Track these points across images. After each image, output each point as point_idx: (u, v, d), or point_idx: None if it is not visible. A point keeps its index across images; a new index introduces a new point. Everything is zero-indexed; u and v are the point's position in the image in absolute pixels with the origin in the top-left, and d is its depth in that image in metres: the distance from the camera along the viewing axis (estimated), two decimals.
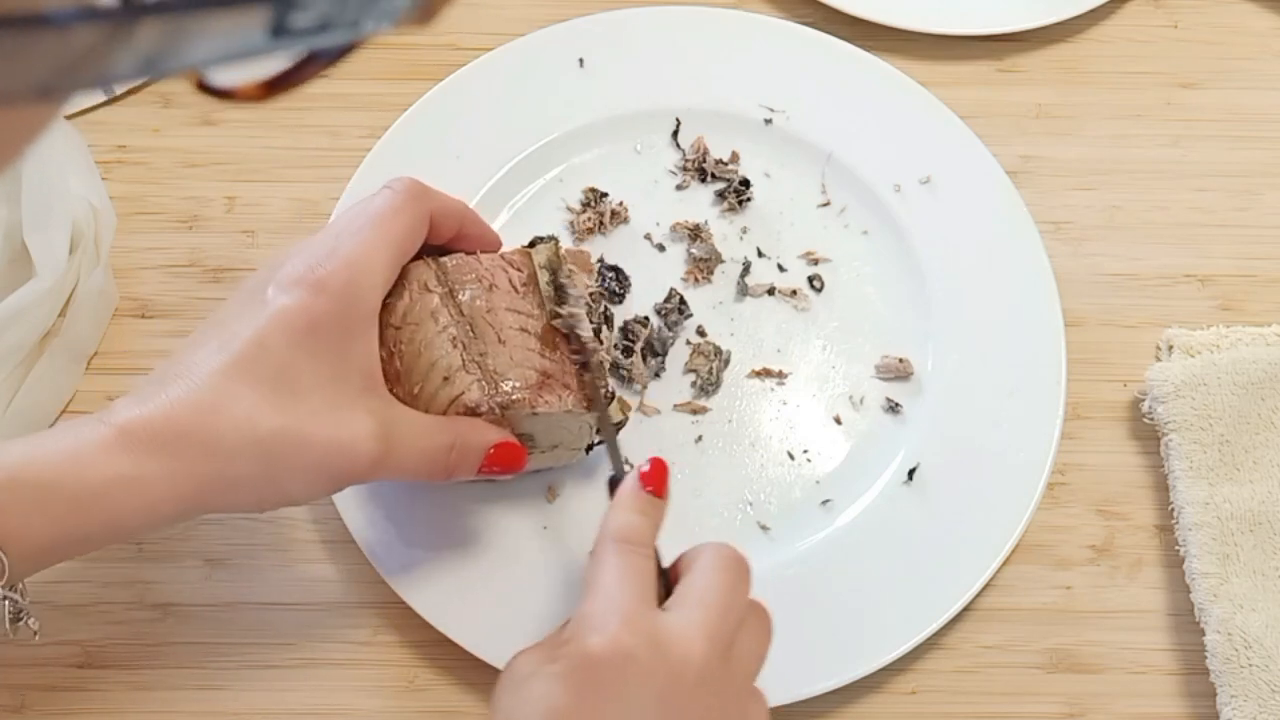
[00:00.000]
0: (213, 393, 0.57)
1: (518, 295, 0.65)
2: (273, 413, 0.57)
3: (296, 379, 0.58)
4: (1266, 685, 0.66)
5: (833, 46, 0.81)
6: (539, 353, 0.64)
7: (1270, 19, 0.85)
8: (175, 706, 0.68)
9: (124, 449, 0.57)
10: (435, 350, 0.63)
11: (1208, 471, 0.70)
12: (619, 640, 0.53)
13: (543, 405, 0.63)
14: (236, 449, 0.57)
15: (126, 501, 0.57)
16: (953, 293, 0.75)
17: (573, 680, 0.53)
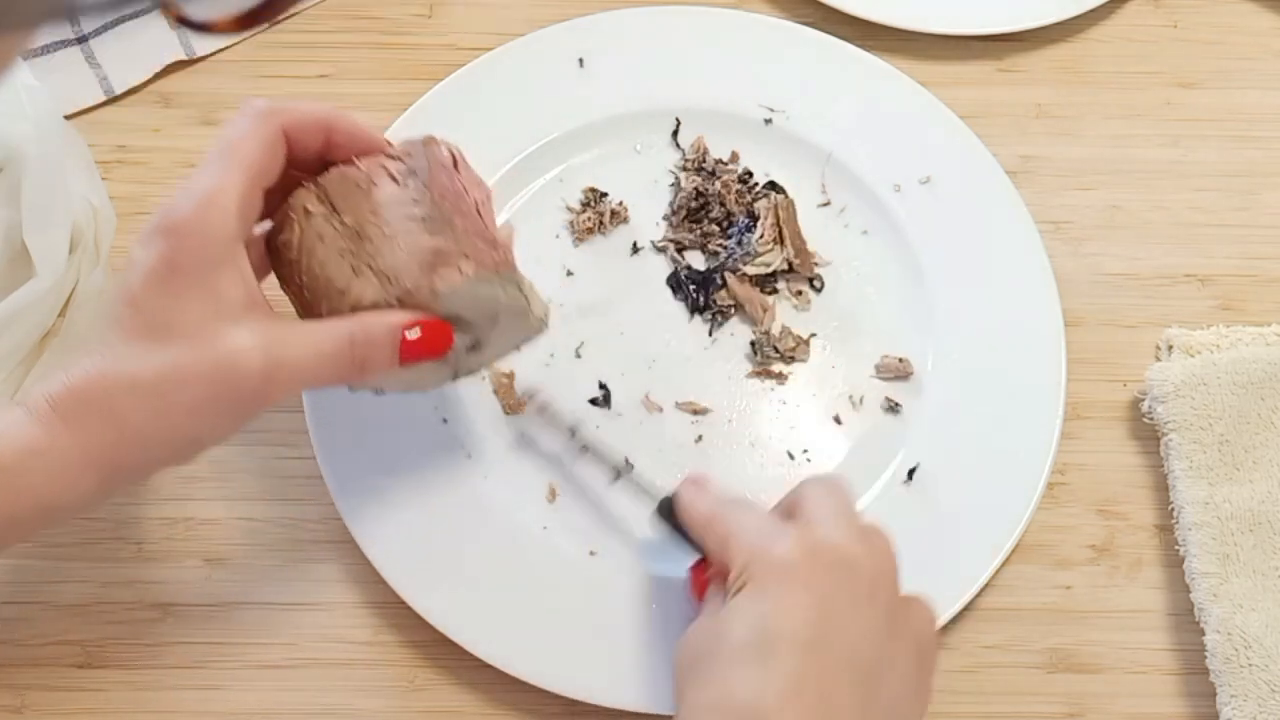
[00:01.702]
0: (102, 358, 0.58)
1: (399, 187, 0.62)
2: (152, 360, 0.58)
3: (170, 323, 0.58)
4: (1266, 685, 0.66)
5: (833, 46, 0.81)
6: (429, 233, 0.61)
7: (1270, 19, 0.85)
8: (175, 706, 0.68)
9: (32, 422, 0.57)
10: (329, 268, 0.61)
11: (1208, 471, 0.70)
12: (797, 548, 0.57)
13: (442, 282, 0.61)
14: (130, 405, 0.58)
15: (44, 475, 0.58)
16: (953, 293, 0.75)
17: (768, 591, 0.57)
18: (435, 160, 0.63)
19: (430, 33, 0.84)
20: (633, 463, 0.60)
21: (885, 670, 0.57)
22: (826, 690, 0.55)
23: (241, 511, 0.72)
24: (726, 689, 0.55)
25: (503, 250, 0.63)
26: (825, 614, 0.56)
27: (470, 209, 0.63)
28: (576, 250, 0.77)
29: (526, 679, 0.66)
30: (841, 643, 0.56)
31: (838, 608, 0.56)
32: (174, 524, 0.71)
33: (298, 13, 0.84)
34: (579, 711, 0.67)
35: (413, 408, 0.72)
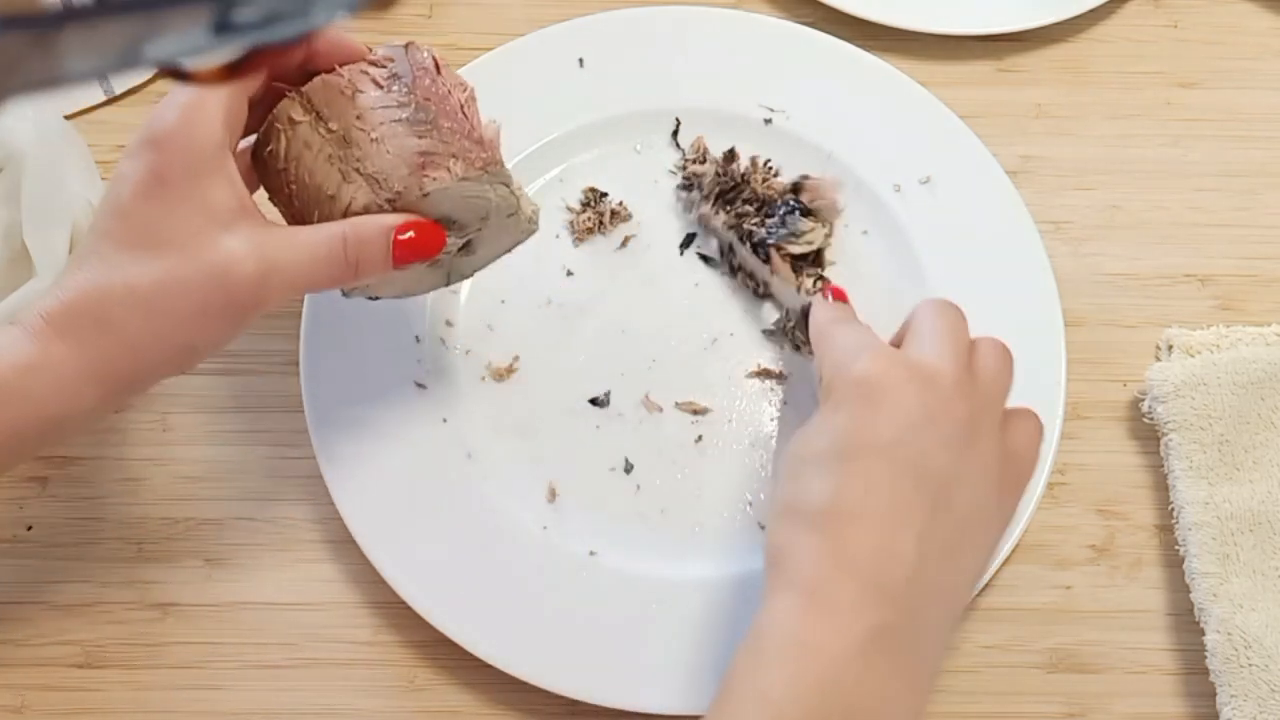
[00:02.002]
0: (94, 270, 0.59)
1: (383, 91, 0.63)
2: (146, 269, 0.58)
3: (160, 232, 0.59)
4: (1266, 685, 0.66)
5: (833, 46, 0.81)
6: (416, 135, 0.62)
7: (1270, 19, 0.85)
8: (175, 706, 0.68)
9: (29, 339, 0.58)
10: (318, 175, 0.62)
11: (1207, 471, 0.70)
12: (874, 364, 0.60)
13: (431, 183, 0.61)
14: (124, 315, 0.58)
15: (44, 390, 0.58)
16: (953, 293, 0.75)
17: (842, 403, 0.60)
18: (417, 64, 0.64)
19: (430, 33, 0.84)
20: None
21: (960, 482, 0.58)
22: (894, 492, 0.57)
23: (241, 511, 0.72)
24: (799, 491, 0.58)
25: (490, 148, 0.63)
26: (895, 424, 0.58)
27: (455, 109, 0.63)
28: (576, 250, 0.77)
29: (526, 679, 0.66)
30: (912, 451, 0.58)
31: (910, 419, 0.58)
32: (174, 524, 0.71)
33: None
34: (579, 711, 0.67)
35: (413, 409, 0.72)
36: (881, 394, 0.59)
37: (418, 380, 0.73)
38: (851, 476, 0.57)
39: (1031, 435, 0.63)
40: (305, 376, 0.72)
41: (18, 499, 0.72)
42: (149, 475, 0.72)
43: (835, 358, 0.63)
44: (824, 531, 0.57)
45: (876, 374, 0.60)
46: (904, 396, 0.59)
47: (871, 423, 0.59)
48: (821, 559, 0.56)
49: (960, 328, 0.63)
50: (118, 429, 0.73)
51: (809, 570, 0.56)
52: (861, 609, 0.55)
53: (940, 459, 0.58)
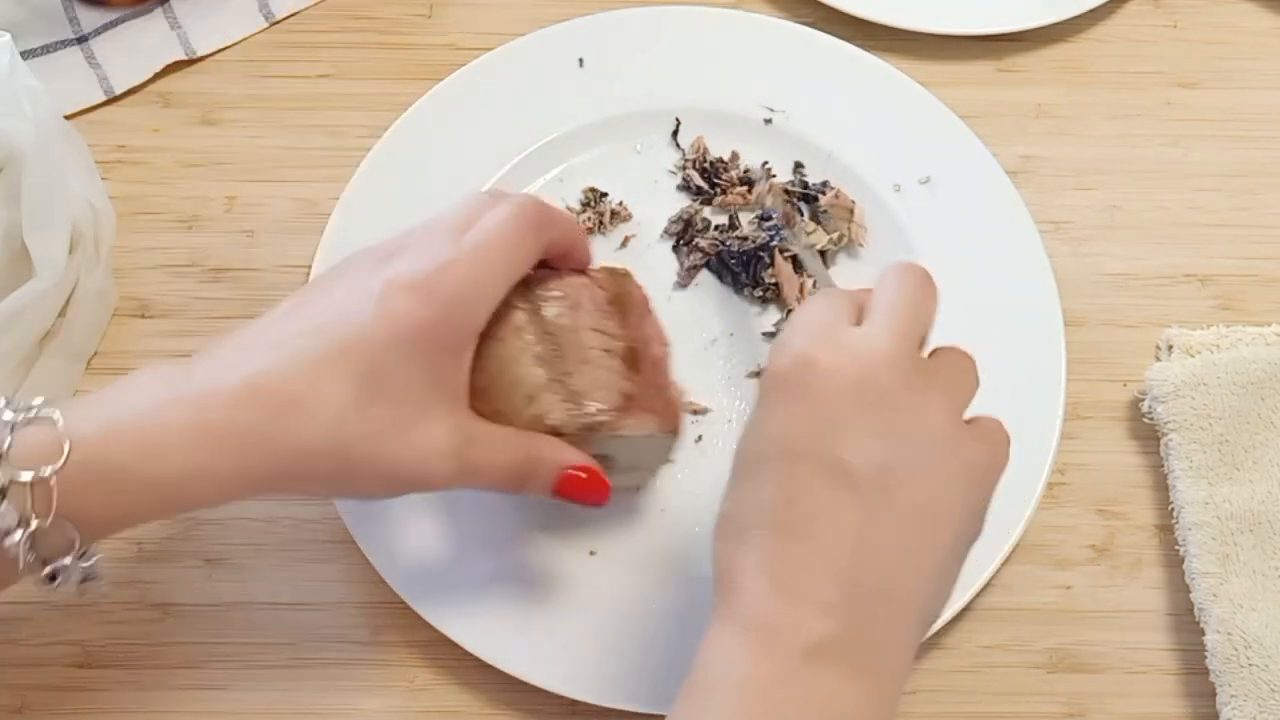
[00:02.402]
0: (302, 381, 0.57)
1: (601, 315, 0.64)
2: (358, 418, 0.57)
3: (388, 385, 0.57)
4: (1266, 685, 0.66)
5: (833, 46, 0.81)
6: (623, 375, 0.63)
7: (1270, 19, 0.85)
8: (175, 706, 0.68)
9: (201, 441, 0.56)
10: (519, 367, 0.62)
11: (1207, 471, 0.70)
12: (800, 348, 0.54)
13: (626, 427, 0.62)
14: (316, 450, 0.57)
15: (199, 489, 0.57)
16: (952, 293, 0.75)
17: (766, 399, 0.55)
18: (636, 301, 0.65)
19: (430, 33, 0.84)
20: None
21: (901, 476, 0.53)
22: (820, 498, 0.53)
23: (241, 511, 0.72)
24: (732, 500, 0.55)
25: (674, 416, 0.64)
26: (819, 419, 0.53)
27: (657, 361, 0.65)
28: None
29: (526, 679, 0.66)
30: (840, 449, 0.53)
31: (834, 413, 0.53)
32: (174, 524, 0.71)
33: (299, 12, 0.84)
34: (579, 711, 0.67)
35: None
36: (803, 385, 0.54)
37: None
38: (774, 485, 0.53)
39: (996, 424, 0.58)
40: None
41: None
42: None
43: (779, 338, 0.57)
44: (753, 547, 0.53)
45: (802, 361, 0.54)
46: (829, 385, 0.54)
47: (794, 420, 0.54)
48: (754, 580, 0.52)
49: (920, 301, 0.58)
50: None
51: (743, 594, 0.53)
52: (797, 627, 0.51)
53: (874, 452, 0.53)
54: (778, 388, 0.55)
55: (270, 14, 0.84)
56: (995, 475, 0.57)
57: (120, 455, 0.56)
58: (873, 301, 0.57)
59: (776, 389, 0.55)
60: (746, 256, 0.76)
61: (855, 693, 0.52)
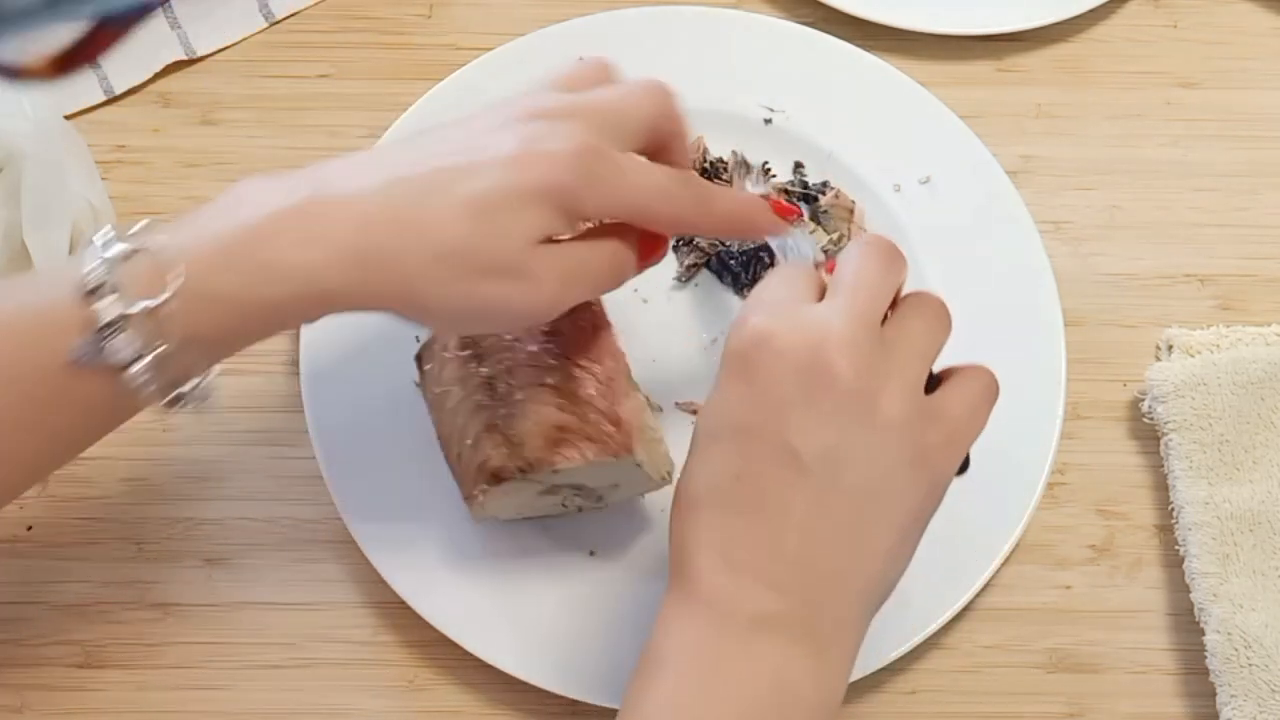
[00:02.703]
0: (427, 214, 0.56)
1: (539, 347, 0.64)
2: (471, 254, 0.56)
3: (504, 237, 0.57)
4: (1266, 685, 0.66)
5: (833, 46, 0.81)
6: (556, 407, 0.63)
7: (1270, 19, 0.85)
8: (175, 706, 0.68)
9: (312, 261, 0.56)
10: (462, 416, 0.64)
11: (1208, 471, 0.70)
12: (756, 326, 0.55)
13: (562, 462, 0.63)
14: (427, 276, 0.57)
15: (307, 308, 0.57)
16: (952, 293, 0.75)
17: (723, 375, 0.55)
18: (578, 322, 0.65)
19: (430, 33, 0.84)
20: None
21: (850, 457, 0.53)
22: (767, 477, 0.53)
23: (241, 511, 0.72)
24: (686, 475, 0.56)
25: (625, 432, 0.64)
26: (769, 399, 0.54)
27: (602, 381, 0.64)
28: None
29: (526, 679, 0.66)
30: (787, 429, 0.53)
31: (784, 393, 0.54)
32: (174, 524, 0.71)
33: (298, 12, 0.84)
34: (579, 711, 0.67)
35: (413, 408, 0.72)
36: (756, 364, 0.54)
37: (417, 380, 0.73)
38: (724, 462, 0.54)
39: (970, 394, 0.58)
40: (305, 376, 0.72)
41: (18, 499, 0.72)
42: (149, 475, 0.72)
43: (740, 313, 0.57)
44: (704, 523, 0.54)
45: (755, 340, 0.54)
46: (780, 366, 0.54)
47: (745, 398, 0.54)
48: (704, 556, 0.54)
49: (883, 278, 0.57)
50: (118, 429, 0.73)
51: (694, 568, 0.54)
52: (744, 601, 0.53)
53: (822, 435, 0.53)
54: (734, 364, 0.55)
55: (270, 14, 0.84)
56: (955, 450, 0.57)
57: (232, 280, 0.56)
58: (834, 278, 0.57)
59: (732, 365, 0.55)
60: (746, 256, 0.76)
61: (802, 663, 0.53)
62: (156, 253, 0.56)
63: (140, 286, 0.55)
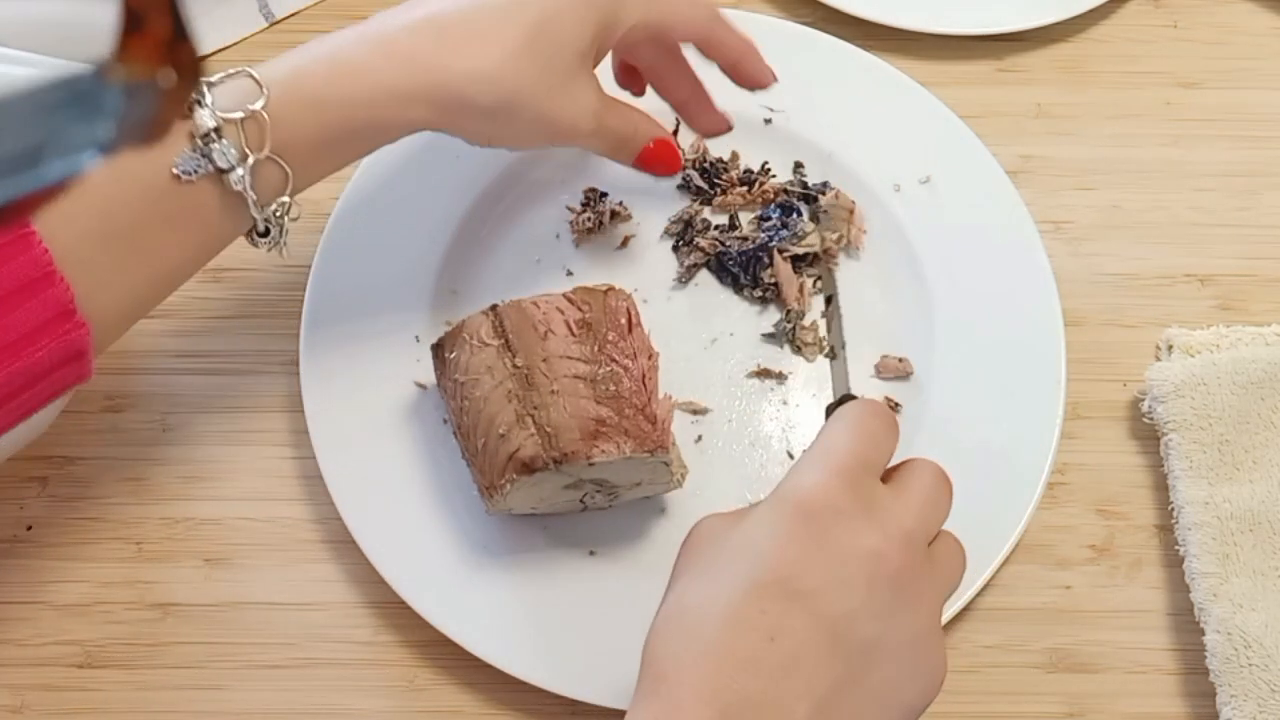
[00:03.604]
0: (479, 20, 0.64)
1: (574, 339, 0.65)
2: (524, 65, 0.64)
3: (554, 42, 0.64)
4: (1266, 685, 0.66)
5: (833, 46, 0.81)
6: (594, 400, 0.64)
7: (1270, 19, 0.85)
8: (175, 706, 0.68)
9: (387, 62, 0.63)
10: (492, 405, 0.64)
11: (1208, 471, 0.70)
12: (831, 485, 0.53)
13: (599, 455, 0.63)
14: (487, 77, 0.63)
15: (387, 111, 0.63)
16: (953, 293, 0.75)
17: (783, 520, 0.53)
18: (613, 316, 0.66)
19: None
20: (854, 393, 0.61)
21: (883, 655, 0.53)
22: (803, 650, 0.51)
23: (241, 511, 0.72)
24: (696, 600, 0.53)
25: (661, 429, 0.65)
26: (830, 572, 0.52)
27: (636, 377, 0.65)
28: (577, 250, 0.77)
29: (526, 679, 0.66)
30: (838, 610, 0.52)
31: (847, 573, 0.52)
32: (174, 524, 0.71)
33: (299, 12, 0.84)
34: (579, 711, 0.67)
35: (413, 408, 0.72)
36: (825, 531, 0.53)
37: (418, 380, 0.73)
38: (760, 614, 0.51)
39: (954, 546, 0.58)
40: (305, 376, 0.72)
41: (18, 499, 0.72)
42: (149, 475, 0.72)
43: (807, 454, 0.56)
44: (710, 665, 0.51)
45: (829, 501, 0.53)
46: (850, 543, 0.53)
47: (803, 559, 0.52)
48: (699, 700, 0.50)
49: (939, 502, 0.57)
50: (118, 429, 0.73)
51: (682, 708, 0.50)
52: None
53: (868, 628, 0.52)
54: (801, 517, 0.53)
55: (270, 14, 0.84)
56: (933, 692, 0.56)
57: (315, 82, 0.62)
58: (903, 477, 0.57)
59: (798, 517, 0.53)
60: (746, 257, 0.76)
61: None
62: (243, 77, 0.61)
63: (230, 102, 0.61)
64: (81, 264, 0.58)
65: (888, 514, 0.54)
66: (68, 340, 0.59)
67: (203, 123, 0.60)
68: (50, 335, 0.58)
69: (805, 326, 0.75)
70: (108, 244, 0.60)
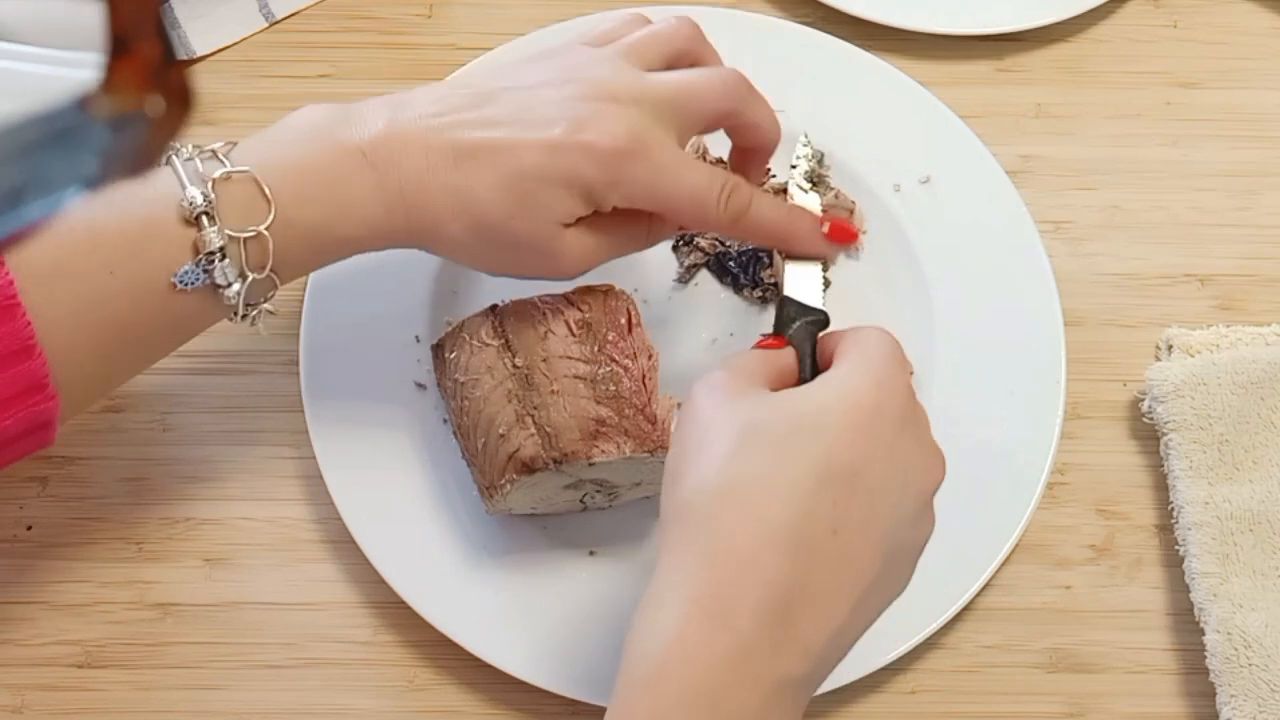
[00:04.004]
0: (463, 176, 0.62)
1: (574, 340, 0.65)
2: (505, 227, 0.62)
3: (530, 210, 0.62)
4: (1266, 685, 0.66)
5: (833, 46, 0.81)
6: (594, 400, 0.64)
7: (1270, 19, 0.85)
8: (175, 706, 0.68)
9: (384, 206, 0.62)
10: (492, 405, 0.64)
11: (1207, 471, 0.70)
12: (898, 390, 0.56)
13: (599, 455, 0.63)
14: (456, 248, 0.64)
15: (374, 242, 0.64)
16: (953, 292, 0.75)
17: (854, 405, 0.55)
18: (613, 317, 0.66)
19: (430, 33, 0.84)
20: None
21: (908, 565, 0.56)
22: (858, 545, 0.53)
23: (241, 511, 0.72)
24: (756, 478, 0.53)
25: (661, 429, 0.65)
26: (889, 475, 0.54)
27: (636, 378, 0.65)
28: None
29: (526, 679, 0.66)
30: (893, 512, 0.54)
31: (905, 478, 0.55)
32: (174, 524, 0.71)
33: (298, 12, 0.84)
34: (579, 711, 0.67)
35: (413, 408, 0.72)
36: (892, 433, 0.54)
37: (418, 380, 0.73)
38: (831, 504, 0.52)
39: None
40: (305, 376, 0.72)
41: (18, 499, 0.72)
42: (149, 475, 0.72)
43: (850, 354, 0.57)
44: (776, 549, 0.51)
45: (898, 405, 0.55)
46: (912, 452, 0.55)
47: (872, 455, 0.53)
48: (762, 582, 0.51)
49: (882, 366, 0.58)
50: (118, 429, 0.73)
51: (735, 601, 0.51)
52: (778, 661, 0.51)
53: (906, 535, 0.55)
54: (872, 407, 0.54)
55: (270, 14, 0.84)
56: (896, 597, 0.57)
57: (313, 215, 0.62)
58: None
59: (869, 407, 0.54)
60: (745, 257, 0.76)
61: None
62: (246, 180, 0.61)
63: (236, 214, 0.61)
64: (61, 342, 0.59)
65: (928, 433, 0.57)
66: (37, 411, 0.60)
67: (210, 240, 0.60)
68: (21, 405, 0.59)
69: None
70: (91, 330, 0.60)
